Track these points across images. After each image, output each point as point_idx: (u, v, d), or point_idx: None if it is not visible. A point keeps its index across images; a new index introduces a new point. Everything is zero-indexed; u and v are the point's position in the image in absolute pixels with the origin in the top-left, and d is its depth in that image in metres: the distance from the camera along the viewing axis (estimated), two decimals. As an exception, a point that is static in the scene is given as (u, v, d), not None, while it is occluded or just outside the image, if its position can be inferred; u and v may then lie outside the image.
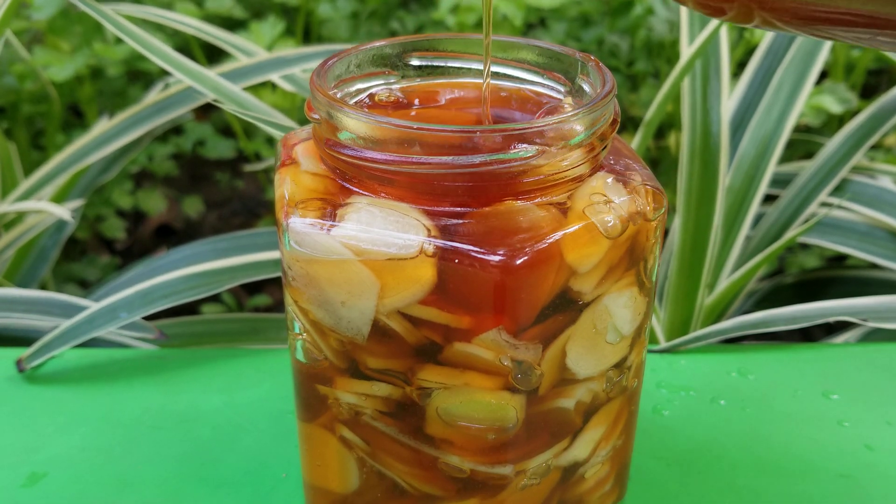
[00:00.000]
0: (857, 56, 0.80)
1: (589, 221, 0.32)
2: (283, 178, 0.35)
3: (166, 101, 0.67)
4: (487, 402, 0.33)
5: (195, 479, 0.44)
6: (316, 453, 0.38)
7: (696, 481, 0.44)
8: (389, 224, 0.32)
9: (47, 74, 0.75)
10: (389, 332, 0.32)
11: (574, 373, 0.34)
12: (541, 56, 0.38)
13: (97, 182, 0.72)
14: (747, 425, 0.47)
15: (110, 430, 0.47)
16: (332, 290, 0.33)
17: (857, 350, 0.55)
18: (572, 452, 0.36)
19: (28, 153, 0.81)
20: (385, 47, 0.38)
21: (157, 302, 0.52)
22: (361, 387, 0.34)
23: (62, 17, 0.76)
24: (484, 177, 0.31)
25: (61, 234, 0.70)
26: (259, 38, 0.77)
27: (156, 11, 0.68)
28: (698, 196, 0.61)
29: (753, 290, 0.72)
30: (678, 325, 0.61)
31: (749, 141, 0.64)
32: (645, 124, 0.60)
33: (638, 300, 0.35)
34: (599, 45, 0.85)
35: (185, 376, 0.51)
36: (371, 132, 0.32)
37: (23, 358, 0.51)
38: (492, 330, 0.32)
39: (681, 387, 0.50)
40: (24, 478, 0.44)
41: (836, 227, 0.65)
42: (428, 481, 0.35)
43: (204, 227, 0.90)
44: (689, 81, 0.63)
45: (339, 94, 0.37)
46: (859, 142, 0.66)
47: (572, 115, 0.32)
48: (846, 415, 0.48)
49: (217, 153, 0.87)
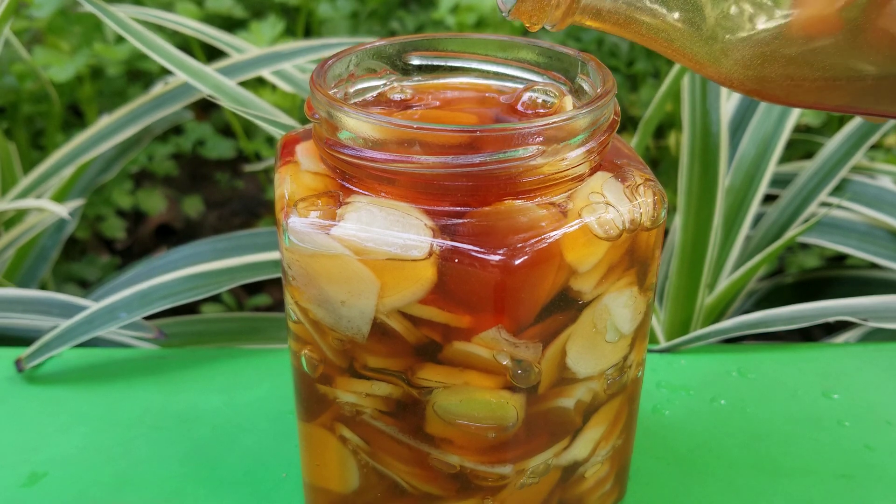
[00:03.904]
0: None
1: (589, 221, 0.32)
2: (284, 177, 0.35)
3: (165, 95, 0.67)
4: (487, 401, 0.33)
5: (195, 479, 0.44)
6: (316, 453, 0.38)
7: (696, 481, 0.44)
8: (389, 223, 0.32)
9: (47, 74, 0.75)
10: (389, 332, 0.32)
11: (574, 372, 0.34)
12: (541, 56, 0.38)
13: (97, 182, 0.72)
14: (747, 425, 0.47)
15: (110, 430, 0.47)
16: (332, 290, 0.33)
17: (857, 350, 0.55)
18: (572, 452, 0.36)
19: (28, 153, 0.81)
20: (385, 46, 0.38)
21: (157, 302, 0.52)
22: (361, 386, 0.34)
23: (62, 16, 0.76)
24: (484, 176, 0.31)
25: (61, 233, 0.70)
26: (259, 38, 0.77)
27: (156, 13, 0.68)
28: (698, 196, 0.61)
29: (753, 290, 0.72)
30: (678, 325, 0.61)
31: (749, 141, 0.64)
32: (644, 124, 0.60)
33: (638, 300, 0.35)
34: (599, 44, 0.85)
35: (185, 376, 0.51)
36: (371, 132, 0.32)
37: (22, 358, 0.51)
38: (491, 329, 0.32)
39: (681, 386, 0.50)
40: (25, 477, 0.44)
41: (835, 226, 0.65)
42: (428, 481, 0.35)
43: (204, 227, 0.90)
44: (688, 81, 0.63)
45: (339, 94, 0.37)
46: (859, 142, 0.66)
47: (572, 115, 0.32)
48: (846, 415, 0.48)
49: (217, 153, 0.87)
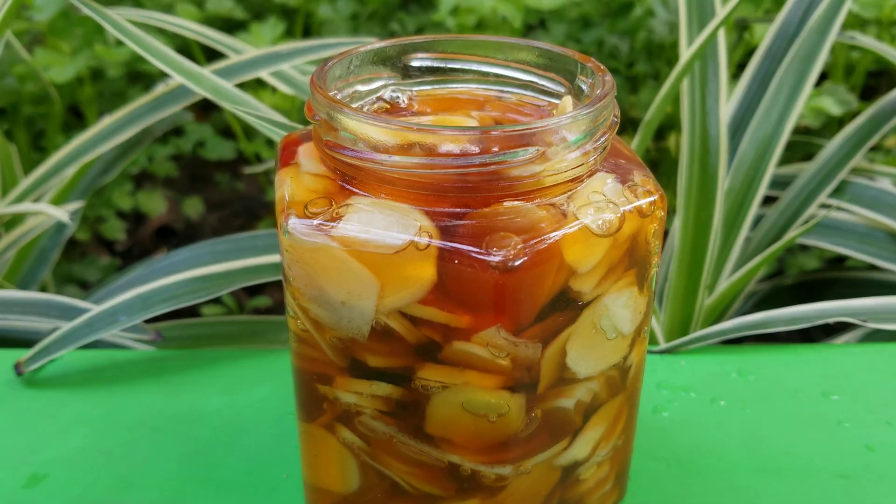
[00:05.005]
0: (857, 58, 0.80)
1: (588, 222, 0.32)
2: (284, 179, 0.35)
3: (165, 97, 0.67)
4: (487, 401, 0.33)
5: (196, 481, 0.44)
6: (316, 454, 0.38)
7: (696, 481, 0.44)
8: (389, 225, 0.32)
9: (48, 76, 0.75)
10: (389, 332, 0.32)
11: (574, 372, 0.34)
12: (541, 57, 0.38)
13: (97, 183, 0.72)
14: (747, 426, 0.47)
15: (111, 432, 0.47)
16: (332, 290, 0.33)
17: (856, 351, 0.55)
18: (572, 452, 0.36)
19: (28, 154, 0.81)
20: (386, 48, 0.38)
21: (157, 306, 0.52)
22: (361, 386, 0.34)
23: (63, 18, 0.76)
24: (484, 178, 0.32)
25: (61, 235, 0.70)
26: (259, 40, 0.77)
27: (155, 15, 0.68)
28: (698, 197, 0.61)
29: (753, 292, 0.72)
30: (678, 326, 0.61)
31: (749, 142, 0.64)
32: (644, 125, 0.60)
33: (638, 300, 0.35)
34: (599, 46, 0.85)
35: (185, 378, 0.51)
36: (371, 133, 0.32)
37: (21, 361, 0.51)
38: (491, 329, 0.32)
39: (681, 387, 0.50)
40: (25, 479, 0.44)
41: (835, 228, 0.65)
42: (428, 481, 0.35)
43: (204, 229, 0.90)
44: (688, 83, 0.63)
45: (339, 95, 0.37)
46: (859, 143, 0.66)
47: (572, 117, 0.32)
48: (846, 415, 0.48)
49: (217, 154, 0.87)
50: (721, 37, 0.64)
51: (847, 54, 0.79)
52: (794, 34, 0.65)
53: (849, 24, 0.76)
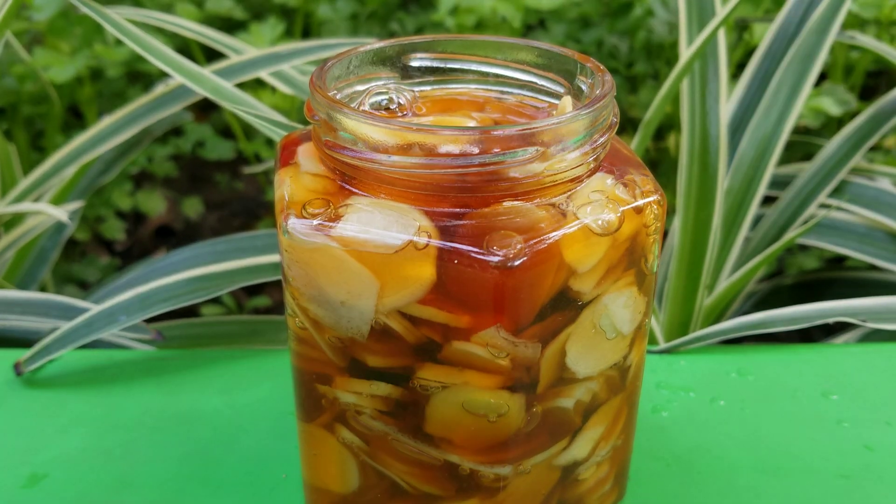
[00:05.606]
0: (857, 58, 0.80)
1: (588, 222, 0.32)
2: (283, 179, 0.35)
3: (165, 97, 0.67)
4: (487, 401, 0.33)
5: (195, 480, 0.44)
6: (315, 453, 0.38)
7: (695, 481, 0.44)
8: (389, 224, 0.32)
9: (47, 75, 0.75)
10: (389, 332, 0.32)
11: (573, 372, 0.34)
12: (540, 57, 0.38)
13: (97, 183, 0.72)
14: (747, 426, 0.47)
15: (110, 432, 0.47)
16: (331, 290, 0.33)
17: (856, 350, 0.55)
18: (571, 452, 0.36)
19: (28, 154, 0.81)
20: (385, 48, 0.38)
21: (157, 305, 0.52)
22: (361, 386, 0.34)
23: (62, 18, 0.76)
24: (483, 178, 0.32)
25: (61, 235, 0.70)
26: (259, 40, 0.77)
27: (154, 15, 0.68)
28: (698, 197, 0.61)
29: (753, 292, 0.72)
30: (678, 326, 0.61)
31: (748, 142, 0.64)
32: (644, 125, 0.60)
33: (637, 300, 0.35)
34: (599, 46, 0.85)
35: (185, 377, 0.51)
36: (371, 133, 0.32)
37: (20, 361, 0.51)
38: (490, 328, 0.32)
39: (680, 387, 0.50)
40: (25, 479, 0.44)
41: (835, 228, 0.65)
42: (427, 481, 0.35)
43: (204, 229, 0.90)
44: (688, 83, 0.63)
45: (339, 96, 0.37)
46: (858, 143, 0.66)
47: (571, 117, 0.32)
48: (846, 415, 0.48)
49: (217, 154, 0.87)
50: (721, 37, 0.64)
51: (846, 54, 0.79)
52: (794, 34, 0.65)
53: (848, 24, 0.76)
